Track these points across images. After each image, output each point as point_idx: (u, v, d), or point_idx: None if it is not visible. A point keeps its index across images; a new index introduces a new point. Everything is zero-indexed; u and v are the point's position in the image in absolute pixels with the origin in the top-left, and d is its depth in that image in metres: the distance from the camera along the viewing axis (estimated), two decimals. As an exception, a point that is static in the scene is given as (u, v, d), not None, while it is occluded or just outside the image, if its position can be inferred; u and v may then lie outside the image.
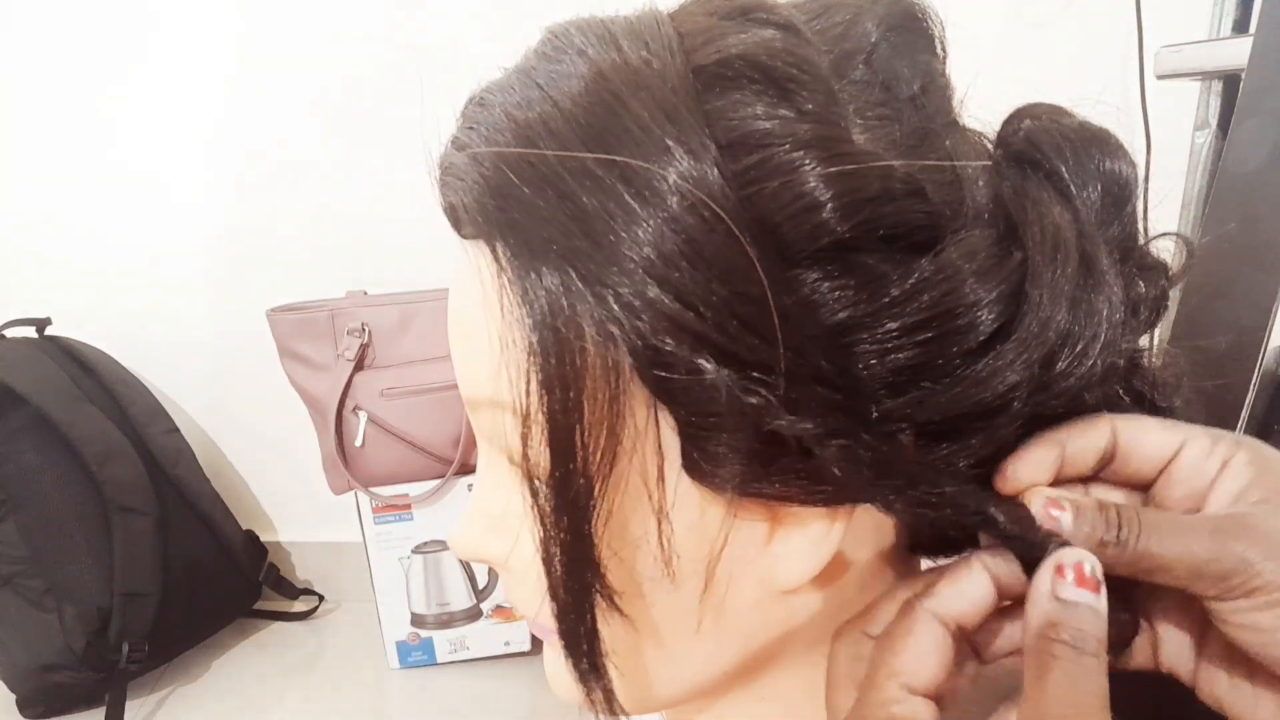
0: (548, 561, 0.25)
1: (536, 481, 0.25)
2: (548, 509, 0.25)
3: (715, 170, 0.22)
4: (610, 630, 0.28)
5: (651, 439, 0.25)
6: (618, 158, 0.22)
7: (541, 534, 0.25)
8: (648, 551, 0.26)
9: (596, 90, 0.23)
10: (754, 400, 0.22)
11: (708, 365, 0.22)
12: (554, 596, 0.26)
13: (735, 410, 0.22)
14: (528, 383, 0.24)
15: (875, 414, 0.23)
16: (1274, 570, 0.21)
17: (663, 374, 0.23)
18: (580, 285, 0.23)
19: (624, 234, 0.22)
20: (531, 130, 0.24)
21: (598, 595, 0.25)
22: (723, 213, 0.21)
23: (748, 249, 0.21)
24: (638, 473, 0.25)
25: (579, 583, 0.25)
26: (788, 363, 0.22)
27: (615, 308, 0.22)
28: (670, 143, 0.22)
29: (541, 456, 0.24)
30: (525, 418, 0.24)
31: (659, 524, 0.25)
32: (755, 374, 0.22)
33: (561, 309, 0.23)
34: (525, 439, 0.24)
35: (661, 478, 0.25)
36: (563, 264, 0.23)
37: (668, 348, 0.22)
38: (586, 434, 0.24)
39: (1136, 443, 0.25)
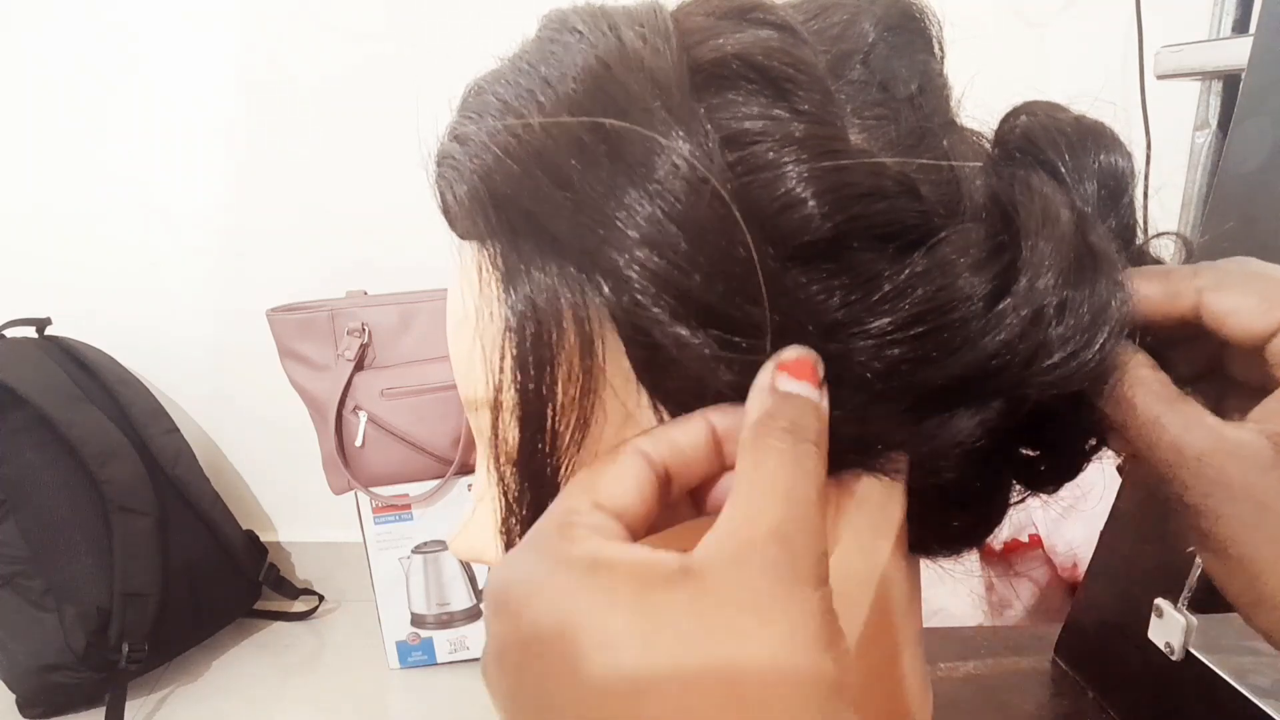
0: (506, 538, 0.25)
1: (503, 460, 0.25)
2: (512, 487, 0.24)
3: (706, 138, 0.22)
4: None
5: (638, 421, 0.25)
6: (605, 120, 0.22)
7: (503, 511, 0.25)
8: None
9: (591, 67, 0.23)
10: (734, 375, 0.22)
11: (691, 334, 0.22)
12: None
13: (716, 385, 0.22)
14: (502, 358, 0.24)
15: (867, 397, 0.23)
16: None
17: (644, 345, 0.23)
18: (562, 257, 0.23)
19: (610, 200, 0.22)
20: (523, 109, 0.24)
21: None
22: (711, 177, 0.21)
23: (733, 212, 0.21)
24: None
25: None
26: (774, 330, 0.22)
27: (598, 277, 0.22)
28: (662, 113, 0.22)
29: (510, 434, 0.24)
30: (497, 393, 0.24)
31: None
32: (740, 342, 0.22)
33: (541, 283, 0.23)
34: (496, 415, 0.24)
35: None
36: (546, 234, 0.23)
37: (651, 316, 0.22)
38: (558, 414, 0.24)
39: (1230, 312, 0.25)
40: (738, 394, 0.23)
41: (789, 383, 0.22)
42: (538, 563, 0.20)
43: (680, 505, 0.24)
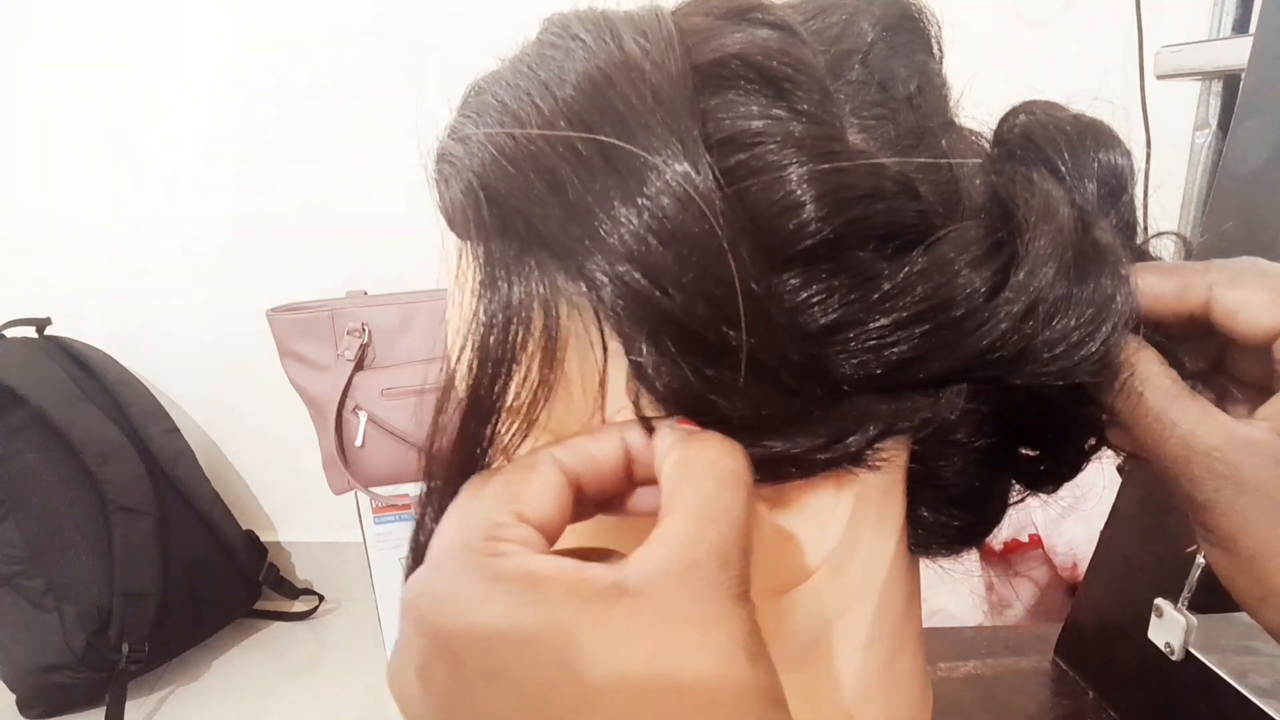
0: (420, 524, 0.25)
1: (435, 448, 0.24)
2: (437, 478, 0.24)
3: (700, 157, 0.22)
4: None
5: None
6: (601, 136, 0.22)
7: (423, 496, 0.25)
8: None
9: (591, 76, 0.23)
10: (709, 396, 0.22)
11: (665, 353, 0.22)
12: (412, 554, 0.26)
13: (691, 403, 0.22)
14: (462, 349, 0.23)
15: (866, 397, 0.23)
16: None
17: (627, 358, 0.23)
18: (547, 259, 0.23)
19: (600, 211, 0.22)
20: (522, 111, 0.23)
21: None
22: (699, 198, 0.21)
23: (719, 235, 0.21)
24: None
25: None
26: (753, 352, 0.22)
27: (581, 285, 0.22)
28: (659, 128, 0.22)
29: (452, 424, 0.24)
30: (448, 382, 0.24)
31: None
32: (711, 370, 0.22)
33: (519, 283, 0.23)
34: (441, 404, 0.24)
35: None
36: (535, 236, 0.23)
37: (627, 331, 0.22)
38: (501, 416, 0.23)
39: (1240, 308, 0.25)
40: (714, 414, 0.22)
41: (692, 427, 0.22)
42: (464, 576, 0.20)
43: (584, 516, 0.24)
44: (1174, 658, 0.48)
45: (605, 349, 0.23)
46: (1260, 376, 0.26)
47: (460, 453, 0.24)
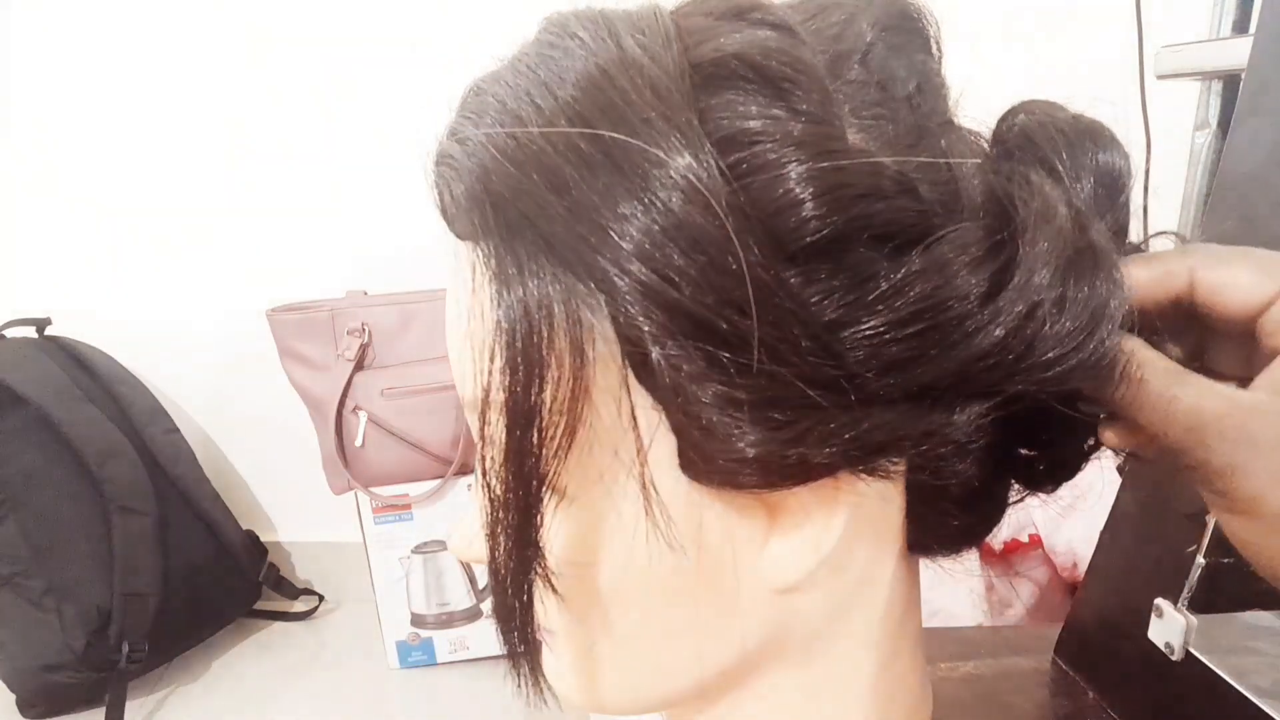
0: (492, 539, 0.25)
1: (489, 462, 0.25)
2: (498, 490, 0.25)
3: (702, 149, 0.22)
4: (602, 628, 0.28)
5: (620, 432, 0.24)
6: (603, 132, 0.22)
7: (489, 514, 0.25)
8: (627, 549, 0.26)
9: (590, 74, 0.23)
10: (721, 389, 0.22)
11: (678, 348, 0.22)
12: (492, 574, 0.26)
13: (705, 397, 0.22)
14: (491, 359, 0.24)
15: (861, 394, 0.23)
16: None
17: (638, 354, 0.23)
18: (556, 261, 0.23)
19: (604, 210, 0.22)
20: (522, 111, 0.24)
21: (536, 577, 0.26)
22: (704, 189, 0.21)
23: (726, 225, 0.21)
24: (611, 465, 0.25)
25: (520, 563, 0.25)
26: (765, 341, 0.22)
27: (591, 285, 0.22)
28: (660, 123, 0.22)
29: (498, 436, 0.24)
30: (485, 394, 0.24)
31: (649, 516, 0.25)
32: (727, 357, 0.22)
33: (534, 286, 0.23)
34: (483, 416, 0.24)
35: (642, 467, 0.25)
36: (541, 238, 0.23)
37: (640, 328, 0.22)
38: (545, 417, 0.24)
39: (1223, 286, 0.25)
40: (725, 407, 0.23)
41: None
42: None
43: None
44: (1174, 658, 0.48)
45: (622, 345, 0.23)
46: (1239, 369, 0.26)
47: (513, 462, 0.24)
